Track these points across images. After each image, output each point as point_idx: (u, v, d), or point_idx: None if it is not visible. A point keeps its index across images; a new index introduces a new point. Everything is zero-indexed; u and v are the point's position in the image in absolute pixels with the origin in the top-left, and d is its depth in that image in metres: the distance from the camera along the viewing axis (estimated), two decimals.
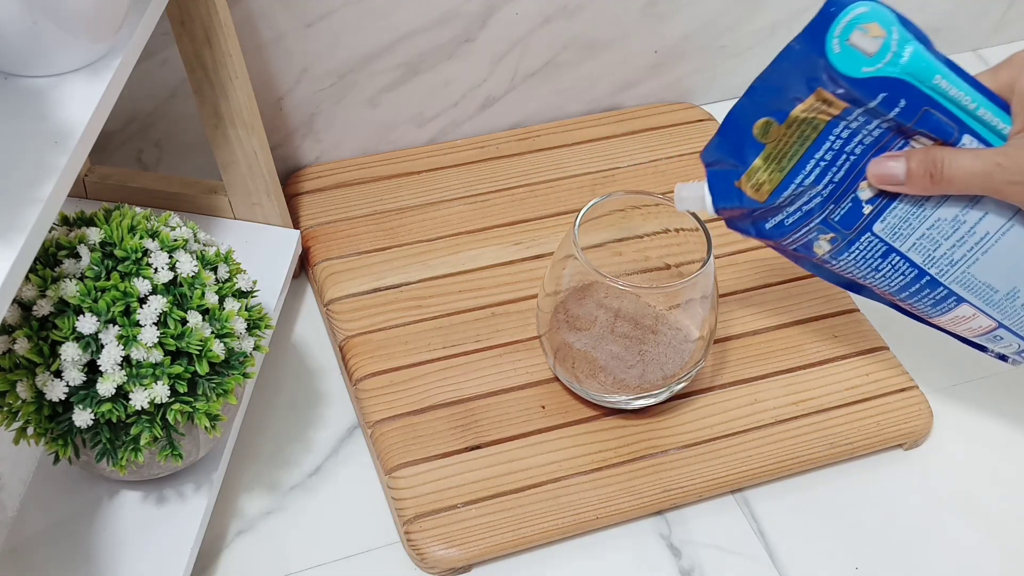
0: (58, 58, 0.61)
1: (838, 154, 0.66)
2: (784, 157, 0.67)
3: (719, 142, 0.69)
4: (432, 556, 0.74)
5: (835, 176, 0.67)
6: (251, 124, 0.82)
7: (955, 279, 0.68)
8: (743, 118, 0.67)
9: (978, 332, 0.71)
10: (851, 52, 0.62)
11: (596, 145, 1.00)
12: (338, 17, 0.90)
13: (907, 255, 0.68)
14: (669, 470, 0.78)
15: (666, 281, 0.80)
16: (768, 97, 0.66)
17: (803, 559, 0.77)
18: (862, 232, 0.68)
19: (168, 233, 0.68)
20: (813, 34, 0.63)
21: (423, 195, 0.94)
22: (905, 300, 0.71)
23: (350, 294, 0.87)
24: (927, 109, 0.63)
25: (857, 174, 0.66)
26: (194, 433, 0.70)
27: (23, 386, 0.64)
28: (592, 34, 0.98)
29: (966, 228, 0.66)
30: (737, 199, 0.69)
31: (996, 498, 0.81)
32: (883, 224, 0.67)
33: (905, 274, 0.69)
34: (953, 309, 0.70)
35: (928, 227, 0.67)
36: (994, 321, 0.70)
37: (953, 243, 0.67)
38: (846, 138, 0.65)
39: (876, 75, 0.63)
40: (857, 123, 0.65)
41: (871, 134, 0.65)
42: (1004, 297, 0.68)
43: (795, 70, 0.65)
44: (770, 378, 0.84)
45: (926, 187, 0.65)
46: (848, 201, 0.67)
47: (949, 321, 0.71)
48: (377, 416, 0.80)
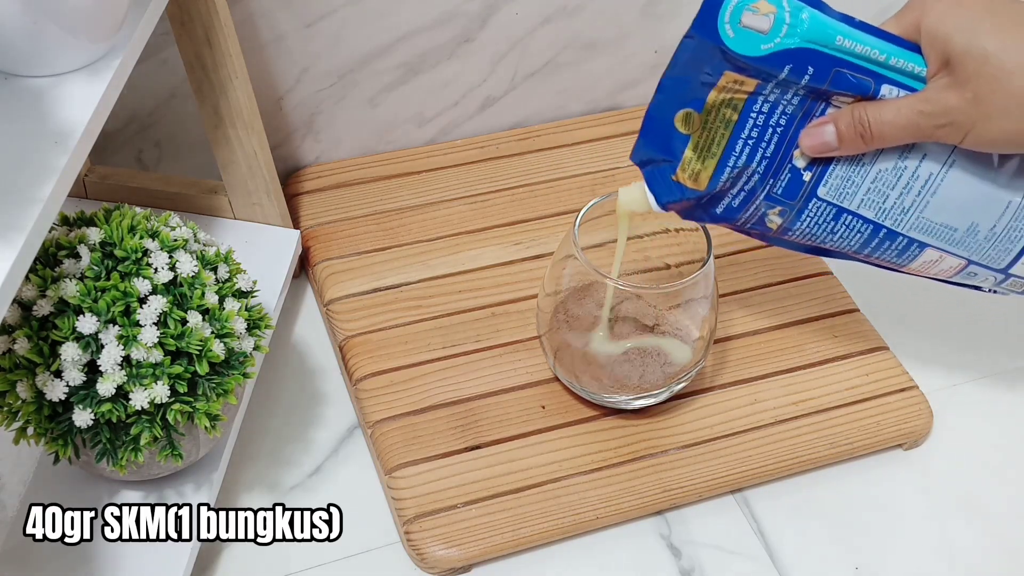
0: (58, 58, 0.61)
1: (764, 129, 0.66)
2: (712, 143, 0.67)
3: (644, 142, 0.69)
4: (432, 556, 0.74)
5: (767, 151, 0.67)
6: (251, 124, 0.82)
7: (911, 226, 0.68)
8: (661, 114, 0.68)
9: (951, 272, 0.71)
10: (745, 33, 0.63)
11: (596, 145, 1.00)
12: (338, 17, 0.90)
13: (858, 212, 0.68)
14: (669, 470, 0.78)
15: (666, 281, 0.80)
16: (680, 90, 0.66)
17: (803, 559, 0.77)
18: (808, 199, 0.68)
19: (168, 233, 0.68)
20: (704, 23, 0.63)
21: (423, 195, 0.94)
22: (870, 256, 0.71)
23: (350, 294, 0.87)
24: (837, 70, 0.64)
25: (788, 144, 0.67)
26: (194, 433, 0.70)
27: (23, 386, 0.64)
28: (592, 34, 0.98)
29: (909, 174, 0.66)
30: (679, 192, 0.69)
31: (996, 498, 0.81)
32: (826, 187, 0.68)
33: (862, 231, 0.69)
34: (919, 255, 0.69)
35: (872, 181, 0.67)
36: (962, 259, 0.69)
37: (900, 191, 0.67)
38: (767, 112, 0.66)
39: (776, 50, 0.63)
40: (774, 95, 0.65)
41: (791, 103, 0.66)
42: (964, 234, 0.68)
43: (697, 60, 0.65)
44: (770, 378, 0.84)
45: (859, 147, 0.65)
46: (786, 172, 0.68)
47: (919, 267, 0.71)
48: (377, 416, 0.80)
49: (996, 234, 0.68)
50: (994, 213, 0.67)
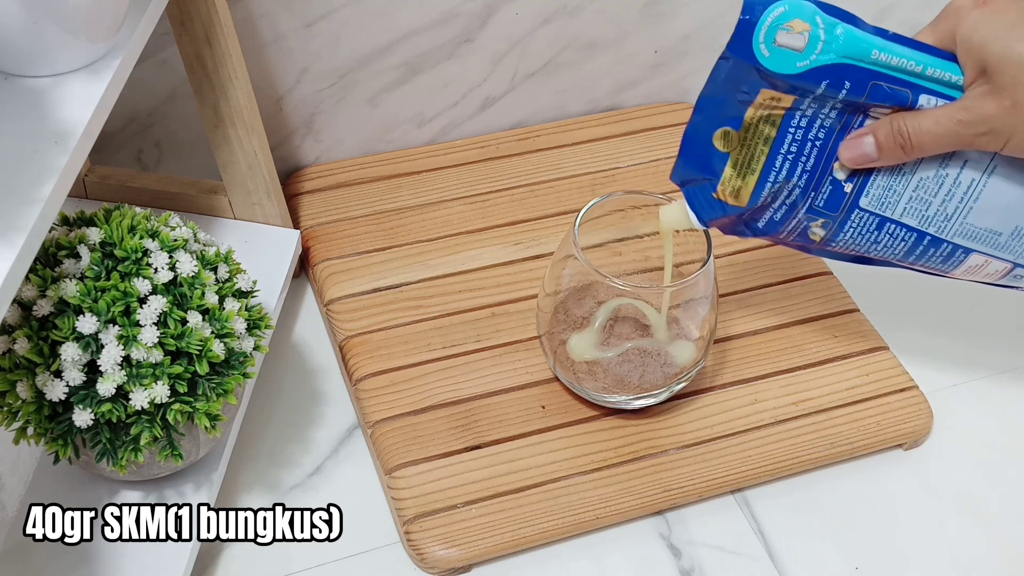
0: (58, 58, 0.61)
1: (803, 143, 0.67)
2: (752, 159, 0.67)
3: (683, 162, 0.69)
4: (432, 556, 0.74)
5: (807, 165, 0.67)
6: (251, 124, 0.82)
7: (955, 232, 0.68)
8: (700, 134, 0.68)
9: (998, 276, 0.71)
10: (781, 52, 0.63)
11: (596, 145, 1.00)
12: (338, 17, 0.90)
13: (901, 221, 0.68)
14: (669, 470, 0.78)
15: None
16: (717, 109, 0.67)
17: (803, 559, 0.77)
18: (850, 210, 0.68)
19: (168, 233, 0.68)
20: (739, 44, 0.64)
21: (423, 195, 0.94)
22: (915, 263, 0.71)
23: (350, 294, 0.87)
24: (874, 83, 0.64)
25: (828, 157, 0.67)
26: (194, 433, 0.70)
27: (23, 386, 0.64)
28: (592, 34, 0.98)
29: (951, 181, 0.66)
30: (720, 209, 0.70)
31: (996, 498, 0.81)
32: (868, 198, 0.68)
33: (906, 240, 0.69)
34: (964, 261, 0.69)
35: (913, 189, 0.67)
36: (1008, 263, 0.69)
37: (943, 198, 0.67)
38: (805, 127, 0.66)
39: (812, 67, 0.63)
40: (811, 110, 0.65)
41: (829, 116, 0.66)
42: (1010, 237, 0.68)
43: (733, 80, 0.65)
44: (770, 378, 0.84)
45: (900, 157, 0.65)
46: (827, 184, 0.68)
47: (964, 272, 0.71)
48: (377, 416, 0.80)
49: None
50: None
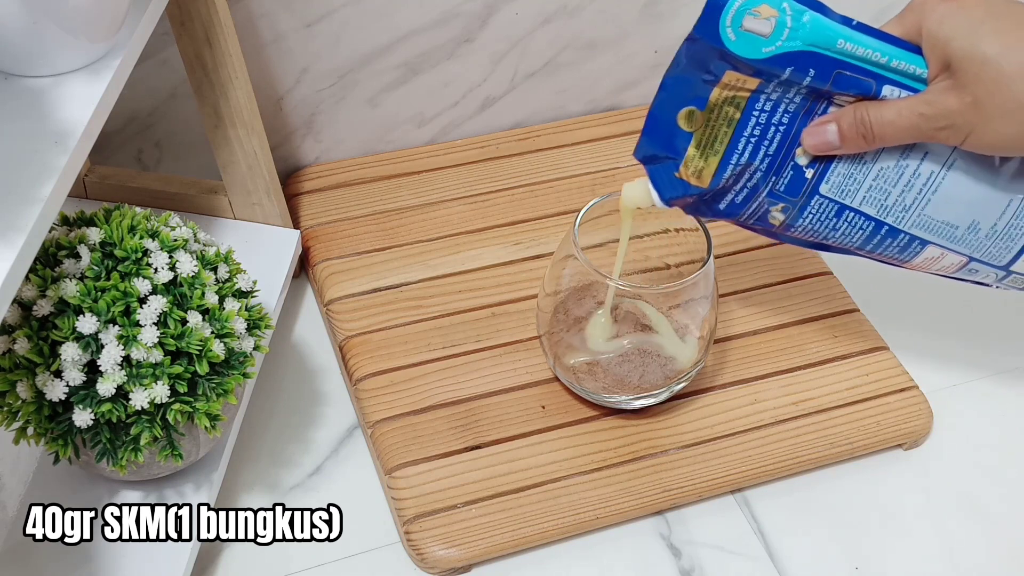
0: (58, 58, 0.61)
1: (766, 127, 0.67)
2: (715, 140, 0.68)
3: (647, 139, 0.69)
4: (432, 556, 0.74)
5: (769, 149, 0.67)
6: (251, 124, 0.82)
7: (913, 223, 0.68)
8: (664, 112, 0.68)
9: (953, 269, 0.71)
10: (747, 37, 0.63)
11: (596, 145, 1.00)
12: (338, 17, 0.90)
13: (860, 209, 0.68)
14: (669, 470, 0.78)
15: (666, 281, 0.80)
16: (683, 88, 0.67)
17: (803, 559, 0.77)
18: (810, 196, 0.68)
19: (168, 233, 0.68)
20: (705, 26, 0.63)
21: (423, 195, 0.94)
22: (872, 252, 0.71)
23: (350, 294, 0.87)
24: (839, 72, 0.64)
25: (791, 142, 0.67)
26: (194, 433, 0.70)
27: (23, 386, 0.64)
28: (592, 34, 0.98)
29: (910, 172, 0.66)
30: (682, 189, 0.70)
31: (996, 498, 0.81)
32: (828, 184, 0.68)
33: (863, 228, 0.69)
34: (920, 252, 0.70)
35: (873, 178, 0.67)
36: (963, 256, 0.69)
37: (901, 189, 0.67)
38: (770, 110, 0.66)
39: (778, 52, 0.63)
40: (776, 94, 0.66)
41: (793, 101, 0.66)
42: (966, 232, 0.68)
43: (699, 61, 0.65)
44: (770, 378, 0.84)
45: (861, 146, 0.65)
46: (789, 169, 0.68)
47: (921, 263, 0.71)
48: (377, 416, 0.80)
49: (997, 232, 0.68)
50: (995, 211, 0.67)
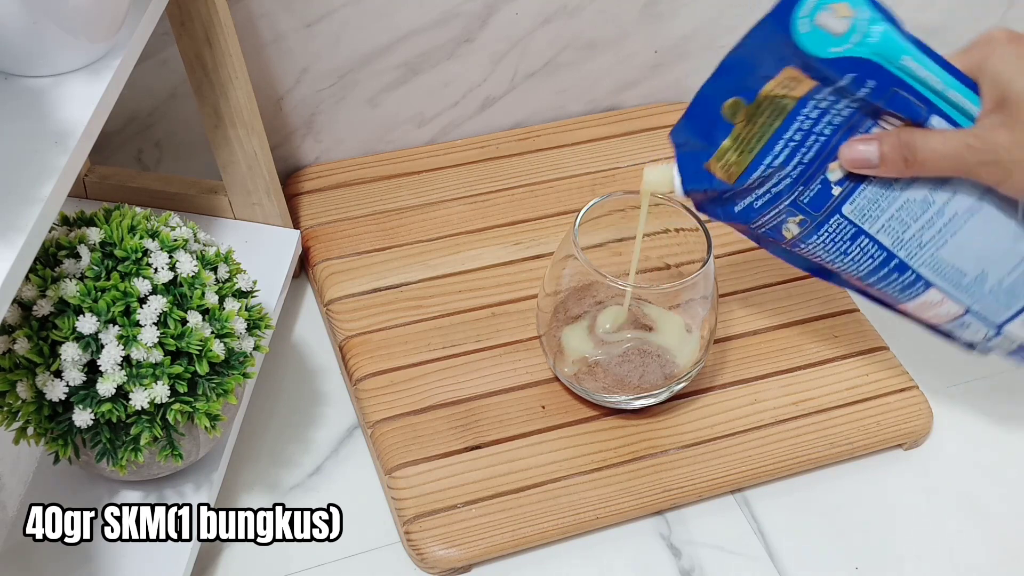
0: (58, 58, 0.61)
1: (807, 135, 0.66)
2: (753, 138, 0.67)
3: (688, 123, 0.68)
4: (432, 556, 0.74)
5: (804, 157, 0.66)
6: (251, 124, 0.82)
7: (924, 262, 0.67)
8: (712, 98, 0.67)
9: (946, 319, 0.71)
10: (818, 32, 0.62)
11: (596, 145, 1.00)
12: (338, 17, 0.90)
13: (876, 237, 0.67)
14: (669, 470, 0.78)
15: (666, 281, 0.80)
16: (737, 76, 0.66)
17: (803, 559, 0.77)
18: (831, 214, 0.67)
19: (168, 233, 0.68)
20: (780, 13, 0.63)
21: (423, 195, 0.94)
22: (873, 285, 0.70)
23: (350, 294, 0.87)
24: (896, 90, 0.63)
25: (827, 155, 0.66)
26: (194, 433, 0.70)
27: (23, 386, 0.64)
28: (592, 34, 0.98)
29: (935, 209, 0.66)
30: (707, 181, 0.68)
31: (996, 498, 0.81)
32: (852, 206, 0.67)
33: (874, 257, 0.68)
34: (922, 294, 0.69)
35: (898, 208, 0.66)
36: (962, 306, 0.69)
37: (922, 224, 0.66)
38: (815, 118, 0.65)
39: (844, 55, 0.62)
40: (826, 102, 0.65)
41: (840, 114, 0.65)
42: (973, 281, 0.68)
43: (763, 49, 0.64)
44: (770, 378, 0.84)
45: (900, 170, 0.65)
46: (817, 183, 0.67)
47: (917, 307, 0.70)
48: (377, 416, 0.80)
49: (1003, 287, 0.68)
50: (1007, 265, 0.67)
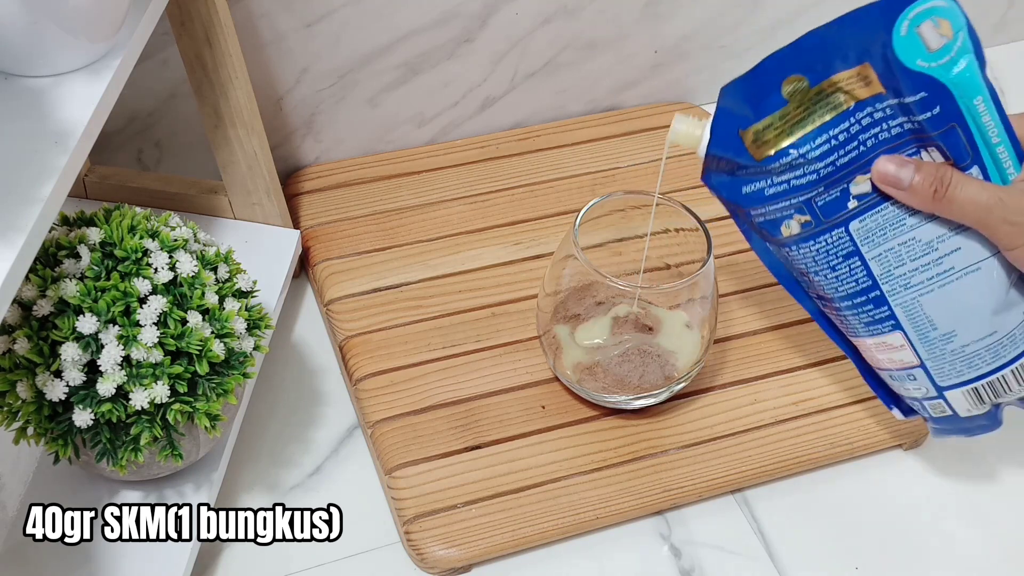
0: (58, 58, 0.61)
1: (852, 139, 0.65)
2: (800, 123, 0.65)
3: (744, 84, 0.66)
4: (432, 556, 0.74)
5: (839, 160, 0.65)
6: (251, 124, 0.82)
7: (903, 304, 0.67)
8: (777, 69, 0.65)
9: (897, 365, 0.70)
10: (915, 41, 0.62)
11: (596, 145, 1.00)
12: (338, 17, 0.90)
13: (868, 263, 0.67)
14: (669, 470, 0.78)
15: (666, 281, 0.80)
16: (812, 55, 0.64)
17: (803, 559, 0.77)
18: (838, 226, 0.67)
19: (168, 233, 0.68)
20: (889, 7, 0.61)
21: (423, 195, 0.94)
22: (842, 310, 0.70)
23: (350, 294, 0.87)
24: (955, 126, 0.63)
25: (860, 166, 0.65)
26: (194, 433, 0.70)
27: (23, 386, 0.64)
28: (592, 34, 0.98)
29: (935, 256, 0.66)
30: (734, 149, 0.67)
31: (996, 498, 0.81)
32: (861, 224, 0.66)
33: (858, 282, 0.68)
34: (886, 334, 0.69)
35: (901, 242, 0.66)
36: (918, 359, 0.69)
37: (917, 266, 0.66)
38: (866, 126, 0.64)
39: (927, 72, 0.62)
40: (883, 114, 0.64)
41: (890, 130, 0.64)
42: (940, 337, 0.68)
43: (852, 36, 0.63)
44: (770, 378, 0.84)
45: (925, 201, 0.64)
46: (838, 190, 0.66)
47: (874, 344, 0.70)
48: (377, 416, 0.80)
49: (965, 352, 0.68)
50: (978, 333, 0.67)
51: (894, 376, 0.72)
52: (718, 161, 0.68)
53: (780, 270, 0.72)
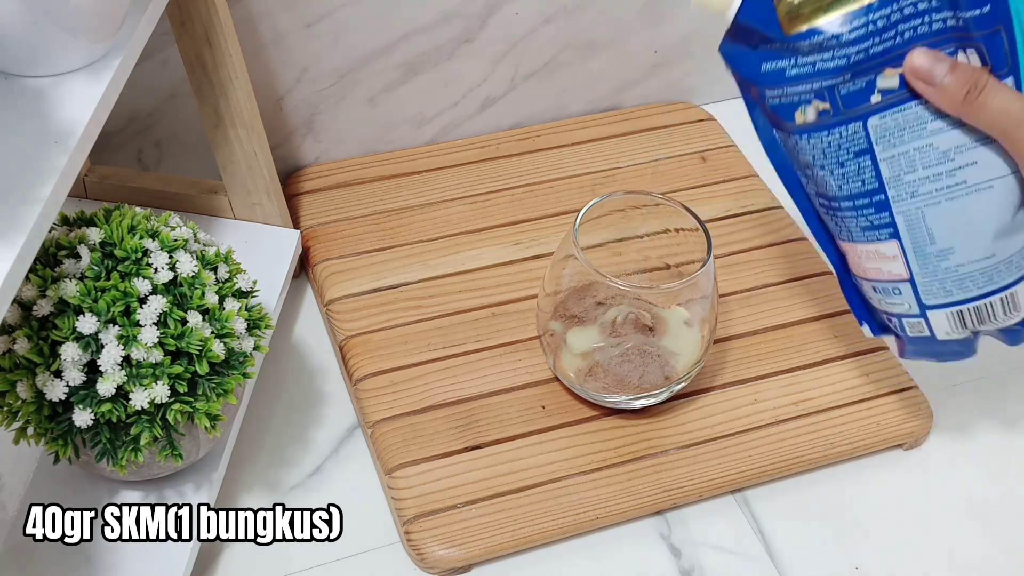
0: (58, 58, 0.61)
1: (891, 27, 0.61)
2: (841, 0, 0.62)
3: None
4: (432, 556, 0.74)
5: (872, 47, 0.62)
6: (251, 124, 0.82)
7: (906, 211, 0.65)
8: None
9: (886, 276, 0.68)
10: None
11: (596, 145, 1.00)
12: (338, 17, 0.90)
13: (879, 164, 0.64)
14: (669, 470, 0.78)
15: (666, 281, 0.80)
16: None
17: (803, 559, 0.77)
18: (856, 119, 0.63)
19: (168, 233, 0.68)
20: None
21: (423, 195, 0.94)
22: (840, 210, 0.67)
23: (350, 294, 0.87)
24: (1001, 28, 0.61)
25: (893, 58, 0.62)
26: (194, 433, 0.70)
27: (23, 386, 0.64)
28: (592, 34, 0.98)
29: (950, 166, 0.63)
30: (764, 18, 0.62)
31: (996, 498, 0.81)
32: (880, 121, 0.63)
33: (864, 182, 0.65)
34: (882, 241, 0.66)
35: (917, 147, 0.63)
36: (908, 272, 0.66)
37: (929, 175, 0.63)
38: (908, 15, 0.61)
39: None
40: (927, 5, 0.61)
41: (931, 24, 0.61)
42: (936, 252, 0.65)
43: None
44: (770, 378, 0.84)
45: (954, 102, 0.62)
46: (864, 80, 0.62)
47: (866, 251, 0.67)
48: (377, 416, 0.80)
49: (959, 272, 0.66)
50: (976, 254, 0.65)
51: (878, 288, 0.69)
52: (743, 30, 0.63)
53: (781, 159, 0.68)
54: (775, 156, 0.68)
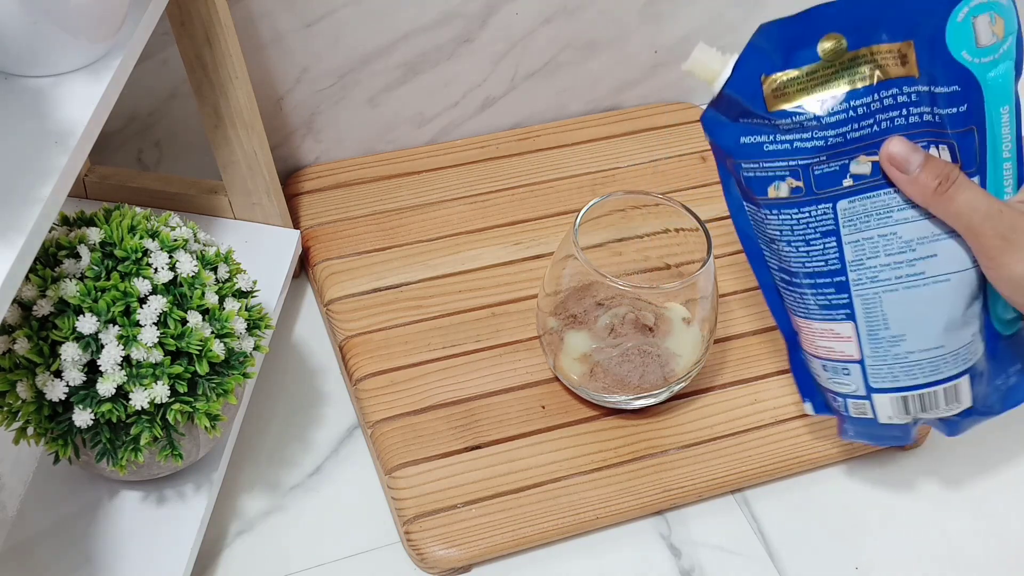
0: (58, 58, 0.61)
1: (870, 115, 0.63)
2: (826, 83, 0.63)
3: (783, 30, 0.63)
4: (432, 556, 0.74)
5: (850, 132, 0.63)
6: (251, 124, 0.82)
7: (864, 295, 0.66)
8: (820, 23, 0.62)
9: (838, 356, 0.69)
10: (968, 31, 0.61)
11: (596, 145, 1.00)
12: (338, 17, 0.90)
13: (844, 246, 0.65)
14: (669, 470, 0.78)
15: (666, 281, 0.80)
16: (858, 18, 0.62)
17: (803, 559, 0.77)
18: (827, 200, 0.65)
19: (168, 233, 0.68)
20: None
21: (423, 195, 0.94)
22: (799, 287, 0.68)
23: (350, 294, 0.87)
24: (974, 128, 0.62)
25: (868, 145, 0.63)
26: (194, 433, 0.70)
27: (23, 386, 0.64)
28: (592, 34, 0.98)
29: (911, 256, 0.65)
30: (749, 92, 0.64)
31: (996, 498, 0.81)
32: (849, 205, 0.65)
33: (827, 263, 0.66)
34: (837, 321, 0.68)
35: (881, 234, 0.65)
36: (860, 354, 0.68)
37: (890, 262, 0.65)
38: (887, 106, 0.63)
39: (967, 66, 0.61)
40: (907, 99, 0.63)
41: (909, 117, 0.63)
42: (889, 338, 0.67)
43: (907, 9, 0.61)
44: (770, 378, 0.84)
45: (925, 193, 0.63)
46: (838, 164, 0.64)
47: (821, 330, 0.69)
48: (377, 416, 0.80)
49: (907, 359, 0.67)
50: (926, 343, 0.67)
51: (827, 366, 0.70)
52: (728, 101, 0.65)
53: (747, 230, 0.69)
54: (740, 224, 0.69)
